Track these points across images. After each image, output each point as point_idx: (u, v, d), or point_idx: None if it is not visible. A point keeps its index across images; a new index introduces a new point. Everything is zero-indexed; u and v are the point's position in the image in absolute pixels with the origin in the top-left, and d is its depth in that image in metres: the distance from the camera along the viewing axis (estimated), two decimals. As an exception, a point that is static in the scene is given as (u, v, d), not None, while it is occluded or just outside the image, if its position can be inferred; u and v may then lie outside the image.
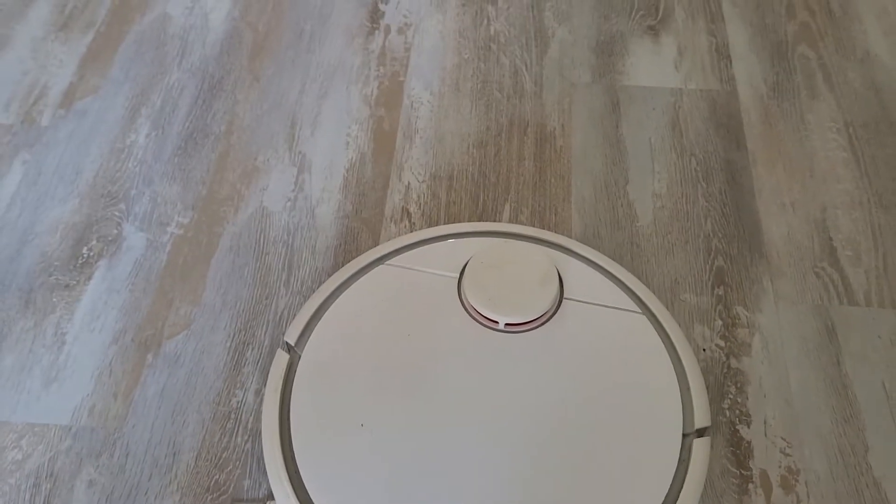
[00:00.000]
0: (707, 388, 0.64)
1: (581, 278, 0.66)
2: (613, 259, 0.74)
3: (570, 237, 0.77)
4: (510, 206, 0.79)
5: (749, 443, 0.65)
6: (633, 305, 0.65)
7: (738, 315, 0.72)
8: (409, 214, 0.79)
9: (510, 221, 0.78)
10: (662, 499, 0.55)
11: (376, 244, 0.76)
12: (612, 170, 0.82)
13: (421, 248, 0.69)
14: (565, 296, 0.65)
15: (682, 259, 0.75)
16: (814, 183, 0.80)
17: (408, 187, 0.81)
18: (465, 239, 0.69)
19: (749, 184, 0.80)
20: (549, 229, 0.78)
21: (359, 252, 0.76)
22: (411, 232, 0.77)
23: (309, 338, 0.64)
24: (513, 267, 0.65)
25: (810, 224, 0.77)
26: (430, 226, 0.78)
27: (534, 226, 0.78)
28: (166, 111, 0.87)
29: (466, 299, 0.64)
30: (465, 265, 0.66)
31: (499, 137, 0.85)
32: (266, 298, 0.73)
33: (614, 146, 0.84)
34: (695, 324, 0.71)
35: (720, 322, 0.71)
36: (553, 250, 0.68)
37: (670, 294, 0.73)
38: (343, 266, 0.70)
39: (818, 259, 0.75)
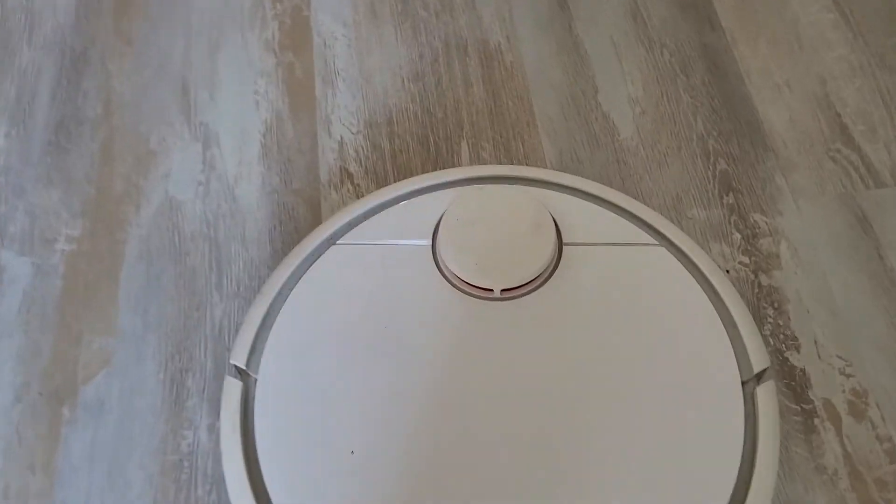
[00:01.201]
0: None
1: (577, 215, 0.54)
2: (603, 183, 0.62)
3: (547, 167, 0.64)
4: (467, 143, 0.66)
5: (803, 371, 0.55)
6: (645, 237, 0.53)
7: (757, 223, 0.61)
8: (350, 175, 0.65)
9: (473, 163, 0.65)
10: (737, 468, 0.44)
11: (319, 221, 0.62)
12: (575, 80, 0.69)
13: (376, 216, 0.56)
14: (565, 241, 0.53)
15: (679, 169, 0.64)
16: (804, 55, 0.70)
17: (341, 143, 0.67)
18: (426, 196, 0.56)
19: (733, 68, 0.69)
20: (519, 163, 0.65)
21: (300, 234, 0.62)
22: (358, 198, 0.63)
23: (262, 355, 0.50)
24: (494, 218, 0.53)
25: (812, 102, 0.67)
26: (378, 185, 0.65)
27: (501, 163, 0.65)
28: (24, 101, 0.70)
29: (447, 268, 0.51)
30: (437, 227, 0.54)
31: (436, 64, 0.71)
32: (197, 310, 0.59)
33: (572, 52, 0.71)
34: (710, 242, 0.60)
35: (738, 235, 0.61)
36: (534, 188, 0.56)
37: (675, 213, 0.62)
38: (285, 255, 0.56)
39: (830, 141, 0.65)
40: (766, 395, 0.47)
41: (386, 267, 0.53)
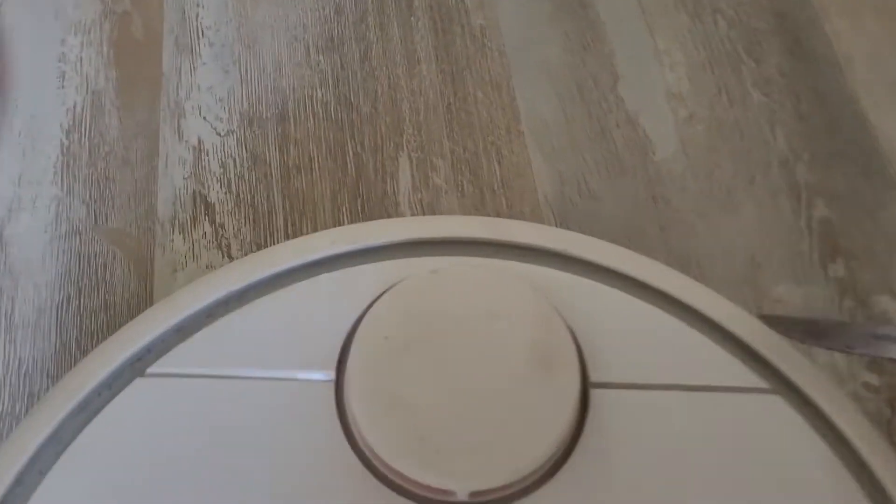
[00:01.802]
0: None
1: (611, 322, 0.29)
2: (632, 238, 0.37)
3: (542, 209, 0.39)
4: (409, 159, 0.40)
5: None
6: (741, 370, 0.28)
7: (887, 311, 0.37)
8: (209, 209, 0.39)
9: (417, 193, 0.39)
10: None
11: (148, 293, 0.36)
12: (584, 60, 0.44)
13: (240, 310, 0.29)
14: (593, 381, 0.27)
15: (754, 215, 0.39)
16: (930, 35, 0.45)
17: (199, 150, 0.40)
18: (331, 276, 0.30)
19: (825, 50, 0.44)
20: (495, 195, 0.39)
21: (113, 317, 0.35)
22: (221, 253, 0.37)
23: None
24: (457, 337, 0.27)
25: (950, 111, 0.43)
26: (256, 229, 0.38)
27: (463, 198, 0.39)
28: None
29: (366, 443, 0.26)
30: (346, 348, 0.28)
31: (362, 26, 0.44)
32: None
33: (578, 15, 0.45)
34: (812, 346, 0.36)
35: (856, 333, 0.36)
36: (528, 266, 0.30)
37: (751, 292, 0.37)
38: (65, 376, 0.29)
39: (985, 175, 0.41)
40: None
41: (245, 426, 0.27)
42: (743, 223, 0.39)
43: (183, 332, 0.29)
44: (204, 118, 0.41)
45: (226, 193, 0.39)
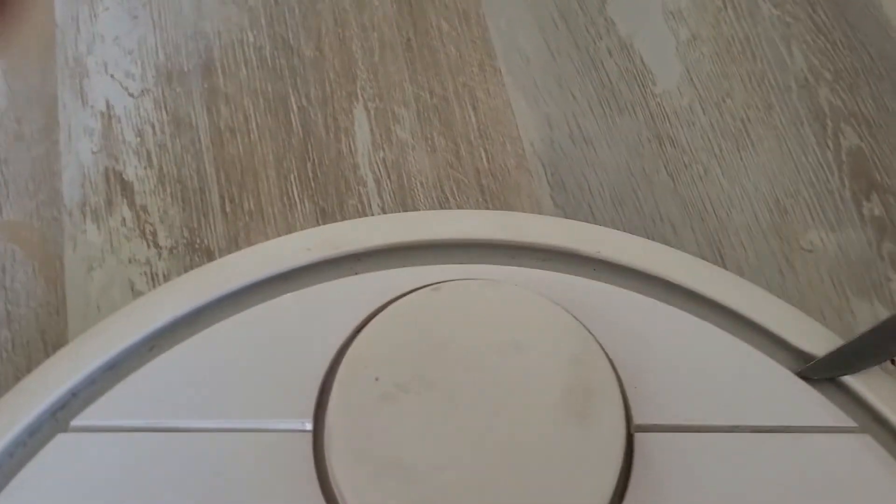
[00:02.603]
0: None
1: (658, 347, 0.23)
2: (640, 196, 0.31)
3: (528, 155, 0.33)
4: (365, 110, 0.34)
5: None
6: (822, 405, 0.22)
7: (934, 258, 0.32)
8: (126, 188, 0.32)
9: (379, 151, 0.33)
10: None
11: (61, 312, 0.29)
12: (563, -25, 0.37)
13: (189, 341, 0.23)
14: (638, 422, 0.21)
15: (774, 149, 0.34)
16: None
17: (107, 115, 0.33)
18: (311, 290, 0.23)
19: (841, -50, 0.38)
20: (474, 155, 0.33)
21: (16, 336, 0.28)
22: (148, 247, 0.30)
23: None
24: (470, 373, 0.21)
25: None
26: (185, 206, 0.31)
27: (434, 153, 0.33)
28: None
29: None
30: (330, 387, 0.21)
31: (296, -51, 0.37)
32: None
33: (551, -79, 0.38)
34: (849, 298, 0.31)
35: (902, 283, 0.31)
36: (553, 273, 0.24)
37: (779, 242, 0.32)
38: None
39: None
40: None
41: (199, 499, 0.21)
42: (762, 160, 0.33)
43: (116, 370, 0.22)
44: (111, 76, 0.34)
45: (146, 168, 0.32)
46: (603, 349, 0.21)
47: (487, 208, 0.32)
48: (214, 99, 0.34)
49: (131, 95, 0.34)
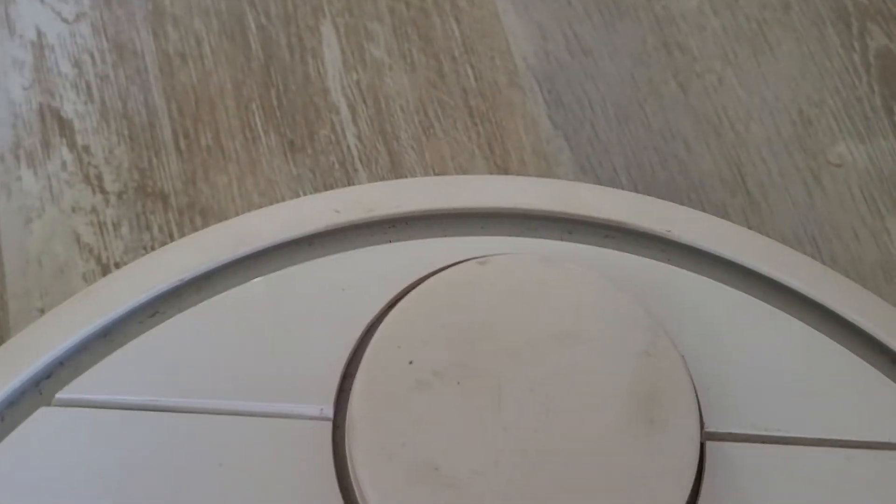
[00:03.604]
0: None
1: (739, 344, 0.20)
2: (648, 110, 0.28)
3: (525, 85, 0.29)
4: (334, 26, 0.30)
5: None
6: None
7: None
8: (65, 129, 0.28)
9: (352, 72, 0.29)
10: None
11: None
12: None
13: (197, 308, 0.19)
14: (710, 429, 0.18)
15: (793, 53, 0.30)
16: None
17: (38, 45, 0.29)
18: (334, 258, 0.20)
19: None
20: (459, 73, 0.29)
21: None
22: (94, 193, 0.26)
23: None
24: (519, 364, 0.17)
25: None
26: (133, 145, 0.27)
27: (414, 73, 0.29)
28: None
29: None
30: (354, 371, 0.18)
31: None
32: None
33: None
34: (883, 217, 0.28)
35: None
36: (617, 252, 0.20)
37: (804, 156, 0.29)
38: None
39: None
40: None
41: (199, 492, 0.17)
42: (782, 66, 0.30)
43: (111, 338, 0.19)
44: (41, 0, 0.30)
45: (86, 104, 0.28)
46: (673, 343, 0.18)
47: (477, 132, 0.28)
48: (161, 21, 0.29)
49: (65, 21, 0.29)
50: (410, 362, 0.17)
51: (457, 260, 0.18)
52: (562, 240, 0.20)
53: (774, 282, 0.20)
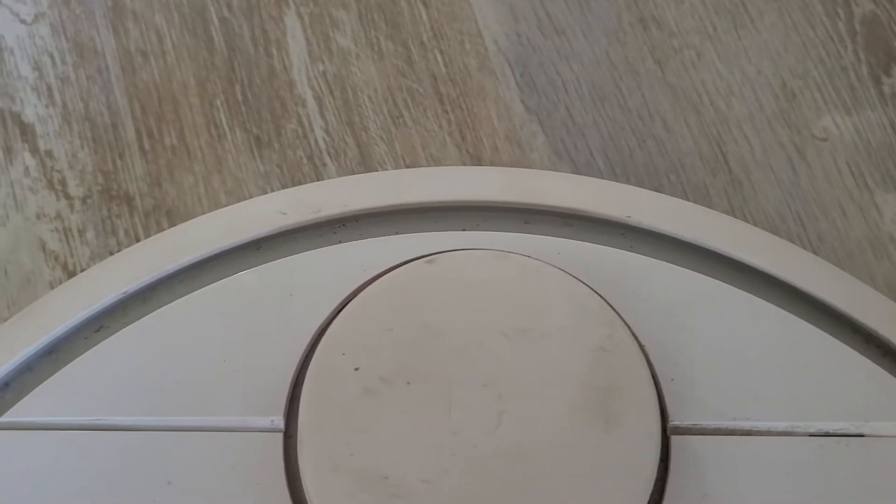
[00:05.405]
0: None
1: (702, 331, 0.19)
2: (624, 88, 0.27)
3: (497, 69, 0.28)
4: (298, 17, 0.29)
5: None
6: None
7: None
8: (26, 133, 0.27)
9: (318, 63, 0.28)
10: None
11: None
12: None
13: (143, 320, 0.19)
14: (675, 423, 0.17)
15: (776, 23, 0.29)
16: None
17: (-3, 49, 0.28)
18: (280, 263, 0.19)
19: None
20: (429, 59, 0.28)
21: None
22: (58, 199, 0.26)
23: None
24: (472, 364, 0.17)
25: None
26: (97, 147, 0.27)
27: (383, 61, 0.28)
28: None
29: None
30: (302, 380, 0.17)
31: None
32: None
33: None
34: (874, 192, 0.27)
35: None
36: (573, 241, 0.20)
37: (788, 130, 0.28)
38: None
39: None
40: None
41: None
42: (764, 39, 0.29)
43: (56, 356, 0.18)
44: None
45: (47, 107, 0.27)
46: (633, 334, 0.17)
47: (448, 119, 0.27)
48: (121, 17, 0.29)
49: (23, 22, 0.29)
50: (356, 369, 0.16)
51: (409, 258, 0.18)
52: (519, 231, 0.19)
53: (741, 263, 0.19)
